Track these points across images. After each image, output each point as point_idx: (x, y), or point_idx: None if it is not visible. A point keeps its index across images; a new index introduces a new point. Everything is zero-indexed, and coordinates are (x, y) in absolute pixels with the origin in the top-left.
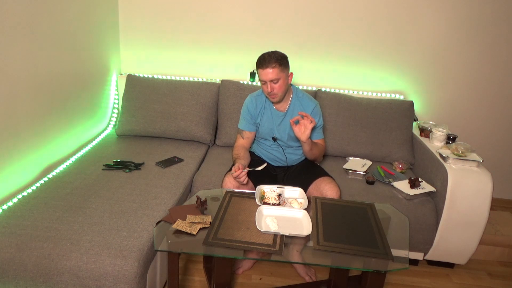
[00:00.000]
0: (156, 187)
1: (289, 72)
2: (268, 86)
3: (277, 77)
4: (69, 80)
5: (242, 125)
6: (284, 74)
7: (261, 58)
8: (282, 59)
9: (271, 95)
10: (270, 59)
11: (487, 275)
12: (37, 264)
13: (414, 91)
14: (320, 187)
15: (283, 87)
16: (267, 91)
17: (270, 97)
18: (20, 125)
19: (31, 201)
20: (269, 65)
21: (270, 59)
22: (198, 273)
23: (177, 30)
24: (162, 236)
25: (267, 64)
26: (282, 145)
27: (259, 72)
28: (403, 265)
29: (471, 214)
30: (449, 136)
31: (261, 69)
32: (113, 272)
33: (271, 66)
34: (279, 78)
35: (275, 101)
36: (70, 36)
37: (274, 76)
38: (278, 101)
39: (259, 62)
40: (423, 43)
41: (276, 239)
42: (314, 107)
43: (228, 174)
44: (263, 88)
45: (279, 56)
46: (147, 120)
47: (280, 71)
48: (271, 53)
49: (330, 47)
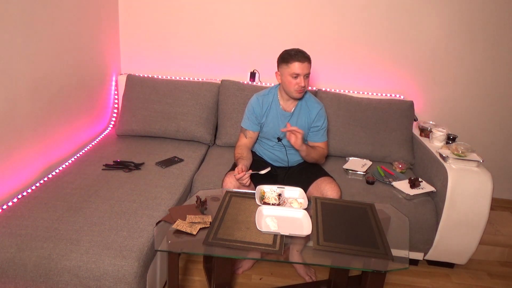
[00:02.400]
0: (156, 187)
1: None
2: (302, 79)
3: (309, 72)
4: (69, 80)
5: (246, 124)
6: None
7: (295, 52)
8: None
9: (301, 89)
10: (305, 54)
11: (487, 275)
12: (37, 264)
13: (414, 91)
14: (320, 187)
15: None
16: (299, 85)
17: (297, 93)
18: (20, 125)
19: (31, 201)
20: (306, 59)
21: (304, 54)
22: (198, 273)
23: (177, 30)
24: (162, 236)
25: (304, 58)
26: (286, 146)
27: (294, 65)
28: (403, 265)
29: (471, 214)
30: (449, 136)
31: (299, 62)
32: (113, 272)
33: (308, 61)
34: (309, 73)
35: (301, 96)
36: (70, 36)
37: (309, 70)
38: (302, 97)
39: (294, 55)
40: (423, 43)
41: (276, 239)
42: (319, 109)
43: (229, 174)
44: (290, 83)
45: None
46: (147, 120)
47: (310, 66)
48: (301, 49)
49: (330, 47)
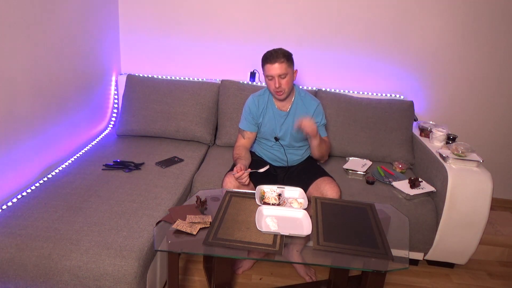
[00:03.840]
0: (156, 187)
1: (294, 70)
2: (276, 81)
3: (285, 72)
4: (69, 80)
5: (243, 125)
6: (291, 70)
7: (269, 54)
8: (289, 55)
9: (278, 91)
10: (278, 54)
11: (487, 275)
12: (37, 264)
13: (414, 91)
14: (320, 187)
15: (290, 83)
16: (275, 86)
17: (276, 94)
18: (20, 125)
19: (31, 201)
20: (278, 60)
21: (277, 54)
22: (198, 273)
23: (177, 30)
24: (162, 236)
25: (275, 59)
26: (284, 145)
27: (266, 67)
28: (403, 265)
29: (471, 214)
30: (449, 136)
31: (270, 64)
32: (113, 272)
33: (280, 61)
34: (286, 73)
35: (282, 97)
36: (70, 36)
37: (282, 71)
38: (284, 98)
39: (267, 57)
40: (423, 43)
41: (276, 239)
42: (316, 106)
43: (229, 174)
44: (269, 85)
45: (285, 52)
46: (147, 120)
47: (287, 66)
48: (278, 49)
49: (330, 47)
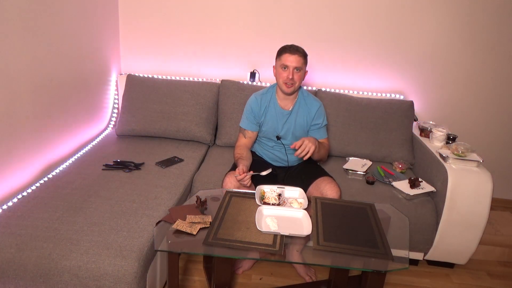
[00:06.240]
0: (156, 187)
1: (306, 70)
2: (290, 71)
3: (301, 66)
4: (69, 80)
5: (244, 124)
6: (305, 67)
7: (289, 45)
8: (306, 55)
9: (289, 82)
10: (299, 48)
11: (487, 275)
12: (37, 264)
13: (414, 91)
14: (320, 187)
15: (301, 79)
16: (287, 77)
17: (286, 86)
18: (20, 125)
19: (31, 201)
20: (298, 52)
21: (298, 48)
22: (198, 273)
23: (177, 30)
24: (162, 236)
25: (295, 51)
26: (286, 144)
27: (284, 56)
28: (403, 265)
29: (471, 214)
30: (449, 136)
31: (289, 53)
32: (113, 272)
33: (299, 54)
34: (301, 68)
35: (290, 90)
36: (70, 36)
37: (299, 64)
38: (291, 92)
39: (286, 48)
40: (423, 43)
41: (276, 239)
42: (318, 107)
43: (229, 174)
44: (281, 75)
45: (304, 51)
46: (147, 120)
47: (303, 63)
48: (298, 46)
49: (330, 47)
